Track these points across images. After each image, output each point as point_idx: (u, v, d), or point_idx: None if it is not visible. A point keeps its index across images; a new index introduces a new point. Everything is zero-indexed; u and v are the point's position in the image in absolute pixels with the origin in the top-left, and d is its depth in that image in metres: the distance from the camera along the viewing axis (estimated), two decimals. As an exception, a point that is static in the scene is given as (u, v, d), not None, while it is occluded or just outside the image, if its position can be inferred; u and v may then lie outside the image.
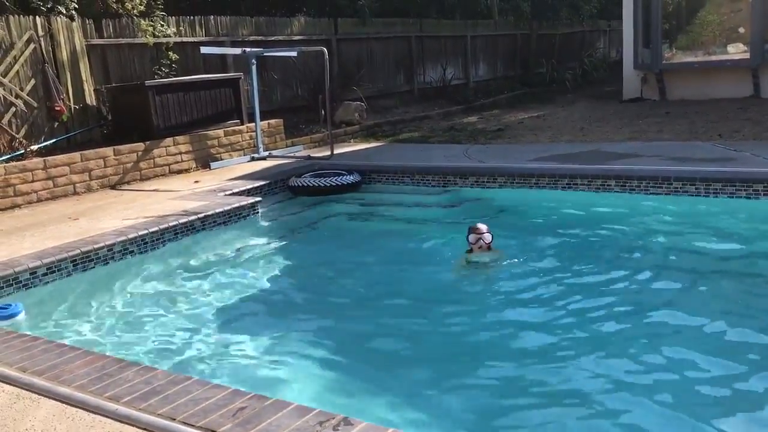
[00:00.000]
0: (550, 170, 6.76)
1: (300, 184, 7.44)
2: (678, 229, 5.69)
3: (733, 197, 5.81)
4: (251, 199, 6.56)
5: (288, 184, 7.55)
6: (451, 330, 4.08)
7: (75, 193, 7.43)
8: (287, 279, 5.23)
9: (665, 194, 6.09)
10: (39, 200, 7.10)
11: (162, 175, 8.28)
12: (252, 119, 9.36)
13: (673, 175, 6.11)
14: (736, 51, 12.67)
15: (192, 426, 2.42)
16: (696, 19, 13.80)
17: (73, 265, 4.88)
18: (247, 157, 9.16)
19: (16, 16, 7.88)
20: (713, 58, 12.98)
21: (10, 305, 4.24)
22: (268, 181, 7.43)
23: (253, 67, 9.46)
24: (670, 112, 11.03)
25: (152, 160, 8.21)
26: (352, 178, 7.47)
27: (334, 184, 7.37)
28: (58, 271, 4.78)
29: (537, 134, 10.03)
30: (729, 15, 13.38)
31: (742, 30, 12.76)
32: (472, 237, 4.93)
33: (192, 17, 10.36)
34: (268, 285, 5.07)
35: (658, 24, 12.87)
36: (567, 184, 6.57)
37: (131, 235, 5.29)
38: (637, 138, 8.75)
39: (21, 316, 4.21)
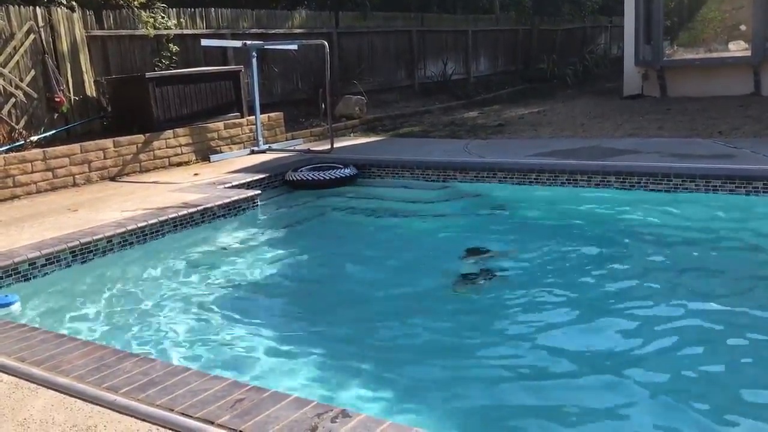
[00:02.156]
0: (550, 166, 6.76)
1: (296, 178, 7.43)
2: (675, 225, 5.69)
3: (732, 194, 5.81)
4: (251, 192, 6.56)
5: (285, 178, 7.55)
6: (450, 325, 4.09)
7: (74, 184, 7.42)
8: (286, 272, 5.24)
9: (665, 191, 6.10)
10: (38, 191, 7.09)
11: (162, 168, 8.27)
12: (252, 112, 9.34)
13: (673, 172, 6.11)
14: (738, 48, 12.65)
15: (190, 417, 2.43)
16: (697, 16, 13.77)
17: (72, 257, 4.88)
18: (247, 150, 9.16)
19: (17, 6, 7.85)
20: (714, 55, 12.95)
21: (6, 296, 4.25)
22: (267, 174, 7.43)
23: (254, 60, 9.44)
24: (670, 109, 11.01)
25: (152, 153, 8.20)
26: (348, 171, 7.48)
27: (330, 177, 7.37)
28: (57, 262, 4.78)
29: (537, 130, 10.02)
30: (730, 12, 13.36)
31: (743, 27, 12.74)
32: None
33: (193, 9, 10.33)
34: (266, 278, 5.08)
35: (660, 20, 12.83)
36: (567, 179, 6.57)
37: (130, 227, 5.30)
38: (637, 134, 8.74)
39: (16, 306, 4.21)
